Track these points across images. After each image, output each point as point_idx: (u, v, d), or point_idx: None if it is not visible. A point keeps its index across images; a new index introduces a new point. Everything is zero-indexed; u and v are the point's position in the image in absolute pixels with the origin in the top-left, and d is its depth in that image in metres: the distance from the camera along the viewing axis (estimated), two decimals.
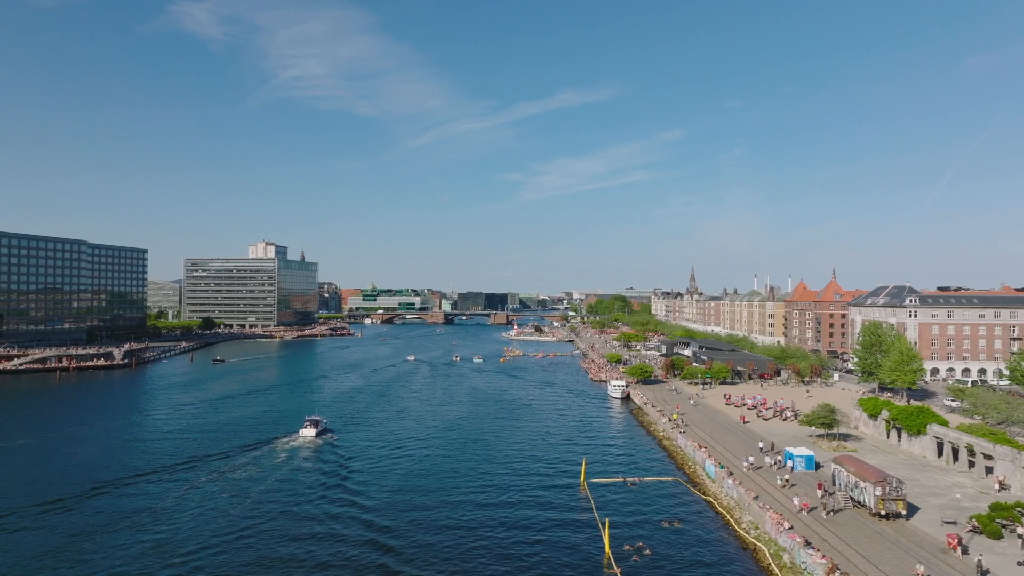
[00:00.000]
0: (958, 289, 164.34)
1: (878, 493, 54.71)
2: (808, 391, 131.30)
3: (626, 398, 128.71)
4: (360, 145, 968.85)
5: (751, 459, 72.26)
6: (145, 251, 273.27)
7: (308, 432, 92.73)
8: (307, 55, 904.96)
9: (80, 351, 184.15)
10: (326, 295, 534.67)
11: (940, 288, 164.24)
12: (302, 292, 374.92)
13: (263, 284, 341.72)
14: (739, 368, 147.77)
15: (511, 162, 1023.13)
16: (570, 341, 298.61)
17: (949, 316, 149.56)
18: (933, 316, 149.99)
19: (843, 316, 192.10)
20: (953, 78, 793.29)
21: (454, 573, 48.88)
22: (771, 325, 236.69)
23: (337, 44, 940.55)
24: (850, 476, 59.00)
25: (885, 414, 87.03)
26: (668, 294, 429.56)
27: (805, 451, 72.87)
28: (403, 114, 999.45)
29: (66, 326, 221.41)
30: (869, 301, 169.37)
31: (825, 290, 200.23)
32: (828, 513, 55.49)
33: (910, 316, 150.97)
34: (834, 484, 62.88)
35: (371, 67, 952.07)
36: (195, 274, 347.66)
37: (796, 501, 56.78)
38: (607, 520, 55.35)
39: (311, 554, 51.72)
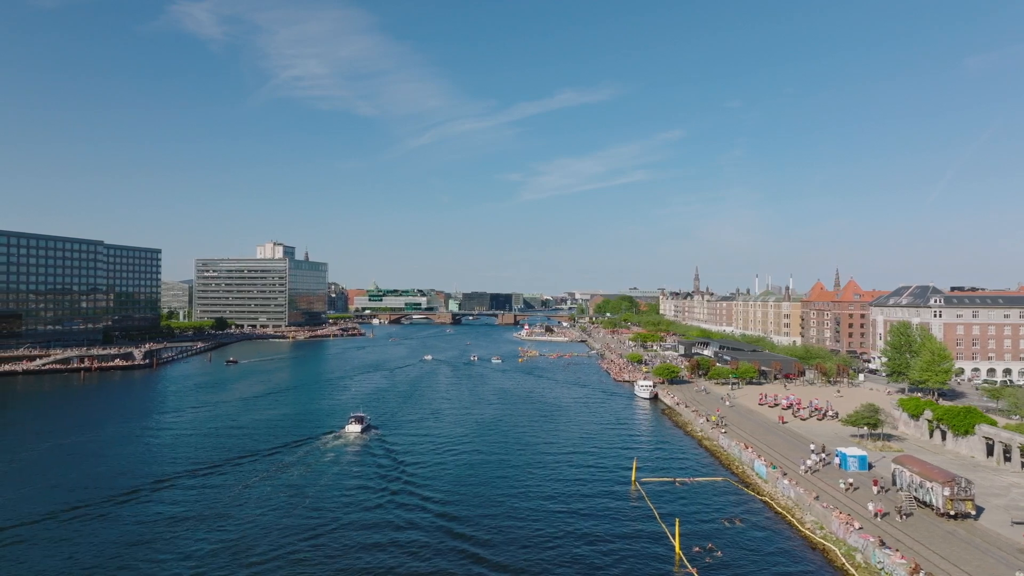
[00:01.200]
0: (972, 289, 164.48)
1: (947, 493, 54.69)
2: (838, 391, 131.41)
3: (654, 398, 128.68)
4: (360, 145, 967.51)
5: (808, 462, 71.83)
6: (159, 251, 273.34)
7: (354, 428, 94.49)
8: (307, 55, 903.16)
9: (101, 351, 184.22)
10: (332, 295, 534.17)
11: (954, 288, 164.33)
12: (312, 292, 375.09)
13: (274, 284, 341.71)
14: (764, 368, 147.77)
15: (511, 162, 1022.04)
16: (582, 341, 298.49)
17: (974, 316, 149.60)
18: (958, 316, 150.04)
19: (862, 316, 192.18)
20: (953, 78, 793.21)
21: (535, 562, 49.62)
22: (787, 325, 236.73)
23: (337, 44, 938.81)
24: (914, 476, 58.98)
25: (928, 414, 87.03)
26: (677, 294, 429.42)
27: (858, 451, 72.81)
28: (403, 114, 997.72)
29: (82, 326, 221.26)
30: (891, 301, 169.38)
31: (844, 290, 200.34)
32: (902, 517, 55.29)
33: (935, 316, 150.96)
34: (894, 484, 62.90)
35: (371, 67, 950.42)
36: (206, 274, 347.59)
37: (871, 507, 56.00)
38: (677, 520, 55.31)
39: (395, 543, 53.05)
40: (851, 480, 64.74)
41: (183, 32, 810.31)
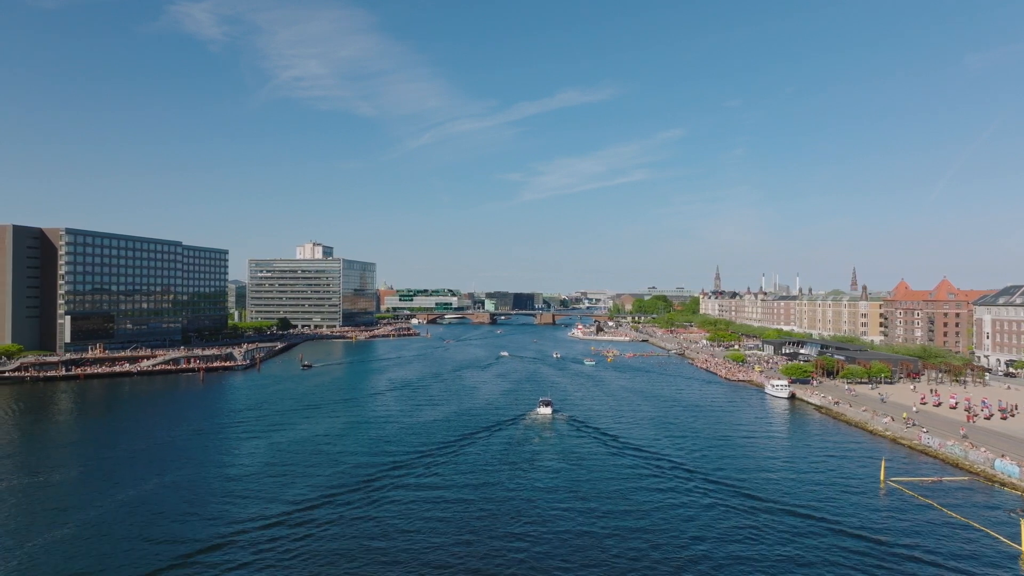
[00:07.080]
0: None
1: None
2: (965, 389, 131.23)
3: (791, 398, 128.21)
4: (361, 145, 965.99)
5: None
6: (226, 252, 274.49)
7: (545, 411, 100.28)
8: (307, 55, 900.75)
9: (202, 352, 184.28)
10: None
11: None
12: (362, 293, 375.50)
13: (328, 285, 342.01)
14: (892, 368, 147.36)
15: (511, 162, 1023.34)
16: (644, 340, 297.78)
17: None
18: None
19: (957, 315, 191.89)
20: (953, 76, 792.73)
21: (894, 555, 49.54)
22: (864, 324, 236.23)
23: (337, 44, 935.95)
24: None
25: None
26: (721, 293, 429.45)
27: None
28: (403, 114, 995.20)
29: (164, 326, 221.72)
30: (1001, 300, 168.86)
31: (937, 289, 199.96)
32: None
33: None
34: None
35: (371, 67, 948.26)
36: (259, 275, 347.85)
37: None
38: (1023, 521, 54.93)
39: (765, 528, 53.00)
40: None
41: (183, 33, 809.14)
